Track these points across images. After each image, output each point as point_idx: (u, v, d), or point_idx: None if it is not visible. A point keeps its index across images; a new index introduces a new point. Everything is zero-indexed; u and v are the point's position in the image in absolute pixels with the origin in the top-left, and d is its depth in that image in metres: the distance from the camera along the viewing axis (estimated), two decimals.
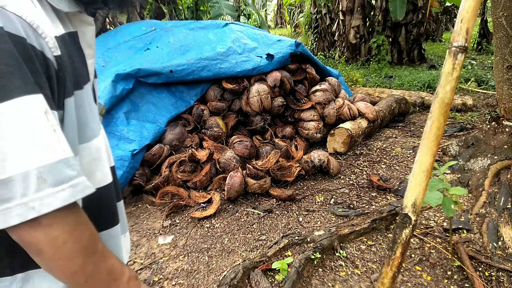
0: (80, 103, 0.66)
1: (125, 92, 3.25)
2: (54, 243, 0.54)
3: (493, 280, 1.97)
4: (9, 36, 0.51)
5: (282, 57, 3.72)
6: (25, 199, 0.51)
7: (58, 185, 0.53)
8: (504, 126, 3.10)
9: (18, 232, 0.53)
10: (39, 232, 0.53)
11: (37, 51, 0.55)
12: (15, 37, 0.52)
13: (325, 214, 2.73)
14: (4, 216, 0.51)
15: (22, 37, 0.53)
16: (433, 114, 1.22)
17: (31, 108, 0.52)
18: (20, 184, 0.51)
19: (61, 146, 0.55)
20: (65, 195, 0.54)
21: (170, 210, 2.80)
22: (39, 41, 0.56)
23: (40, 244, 0.54)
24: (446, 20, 14.37)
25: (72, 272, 0.57)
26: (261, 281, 1.93)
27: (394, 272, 1.29)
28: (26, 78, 0.52)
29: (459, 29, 1.19)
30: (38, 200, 0.51)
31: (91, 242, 0.60)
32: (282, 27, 23.55)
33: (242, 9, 10.70)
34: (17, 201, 0.51)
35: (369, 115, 4.07)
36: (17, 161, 0.51)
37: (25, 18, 0.54)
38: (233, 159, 3.21)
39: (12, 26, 0.52)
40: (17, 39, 0.52)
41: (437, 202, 1.83)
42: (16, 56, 0.51)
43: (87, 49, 0.72)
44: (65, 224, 0.55)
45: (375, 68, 8.29)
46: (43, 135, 0.53)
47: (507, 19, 2.86)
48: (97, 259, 0.61)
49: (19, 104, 0.51)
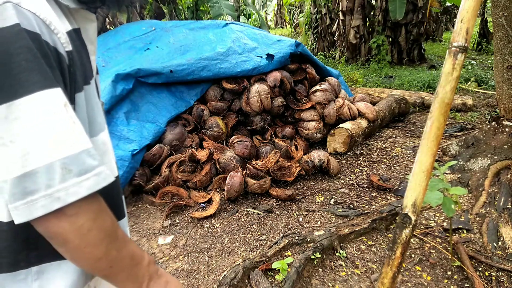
0: (88, 98, 0.68)
1: (125, 92, 3.25)
2: (79, 232, 0.56)
3: (493, 280, 1.97)
4: (26, 33, 0.53)
5: (282, 57, 3.72)
6: (50, 190, 0.52)
7: (82, 175, 0.55)
8: (504, 126, 3.10)
9: (43, 223, 0.54)
10: (64, 222, 0.54)
11: (51, 47, 0.57)
12: (32, 33, 0.53)
13: (325, 214, 2.73)
14: (29, 208, 0.52)
15: (38, 33, 0.55)
16: (433, 114, 1.22)
17: (52, 102, 0.54)
18: (45, 175, 0.52)
19: (82, 137, 0.57)
20: (90, 184, 0.55)
21: (170, 210, 2.80)
22: (52, 37, 0.57)
23: (66, 234, 0.55)
24: (446, 20, 14.37)
25: (97, 259, 0.59)
26: (261, 281, 1.93)
27: (394, 272, 1.29)
28: (45, 73, 0.53)
29: (459, 29, 1.19)
30: (63, 190, 0.53)
31: (113, 228, 0.62)
32: (282, 27, 23.55)
33: (242, 9, 10.70)
34: (42, 193, 0.52)
35: (369, 115, 4.07)
36: (41, 153, 0.52)
37: (39, 15, 0.56)
38: (233, 159, 3.21)
39: (28, 23, 0.54)
40: (33, 35, 0.54)
41: (437, 202, 1.83)
42: (35, 52, 0.53)
43: (89, 45, 0.73)
44: (90, 212, 0.57)
45: (375, 68, 8.29)
46: (64, 127, 0.54)
47: (507, 19, 2.86)
48: (120, 245, 0.63)
49: (40, 98, 0.53)
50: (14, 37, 0.52)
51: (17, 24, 0.52)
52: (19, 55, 0.51)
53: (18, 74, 0.52)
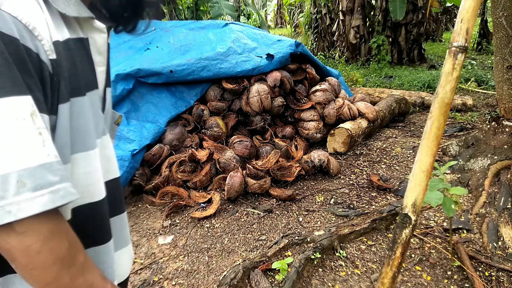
0: (79, 110, 0.64)
1: (125, 92, 3.25)
2: (27, 252, 0.52)
3: (493, 280, 1.97)
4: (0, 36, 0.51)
5: (282, 57, 3.72)
6: (2, 203, 0.49)
7: (37, 190, 0.51)
8: (504, 126, 3.10)
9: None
10: (13, 238, 0.51)
11: (32, 52, 0.54)
12: (7, 36, 0.51)
13: (325, 214, 2.73)
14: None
15: (15, 37, 0.52)
16: (433, 114, 1.22)
17: (16, 109, 0.51)
18: None
19: (45, 150, 0.53)
20: (44, 201, 0.51)
21: (170, 210, 2.80)
22: (35, 42, 0.55)
23: (13, 252, 0.52)
24: (446, 20, 14.37)
25: (46, 283, 0.55)
26: (261, 281, 1.93)
27: (394, 272, 1.29)
28: (14, 78, 0.51)
29: (459, 29, 1.19)
30: (16, 204, 0.49)
31: (70, 253, 0.57)
32: (282, 27, 23.54)
33: (242, 9, 10.71)
34: None
35: (369, 115, 4.07)
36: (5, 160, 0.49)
37: (21, 19, 0.53)
38: (233, 159, 3.21)
39: (5, 26, 0.51)
40: (9, 38, 0.51)
41: (437, 202, 1.83)
42: (6, 56, 0.50)
43: (97, 56, 0.70)
44: (40, 233, 0.53)
45: (375, 68, 8.29)
46: (26, 138, 0.51)
47: (507, 19, 2.87)
48: (75, 272, 0.58)
49: (4, 104, 0.50)
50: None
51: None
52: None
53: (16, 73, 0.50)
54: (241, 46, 3.82)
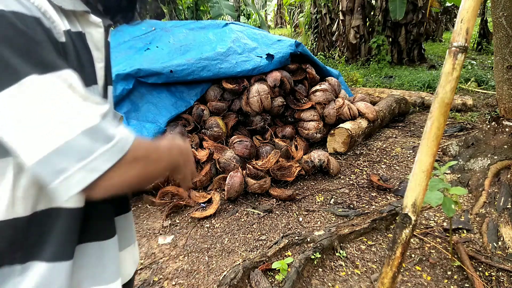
0: None
1: (125, 92, 3.25)
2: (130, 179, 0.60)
3: (493, 280, 1.97)
4: (28, 17, 0.54)
5: (282, 57, 3.72)
6: (83, 162, 0.53)
7: (109, 142, 0.56)
8: (504, 126, 3.10)
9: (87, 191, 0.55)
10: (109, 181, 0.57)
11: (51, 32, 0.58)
12: (32, 18, 0.55)
13: (325, 214, 2.73)
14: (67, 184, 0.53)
15: (38, 17, 0.56)
16: (433, 114, 1.23)
17: (66, 79, 0.55)
18: (75, 150, 0.53)
19: (100, 107, 0.58)
20: (118, 148, 0.57)
21: (170, 210, 2.80)
22: (49, 24, 0.58)
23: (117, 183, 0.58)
24: (446, 20, 14.37)
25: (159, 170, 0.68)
26: (261, 281, 1.93)
27: (394, 272, 1.29)
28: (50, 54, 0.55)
29: (459, 29, 1.19)
30: (95, 160, 0.54)
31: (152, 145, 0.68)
32: (282, 27, 23.54)
33: (242, 9, 10.70)
34: (76, 166, 0.53)
35: (369, 115, 4.07)
36: (66, 128, 0.53)
37: (33, 2, 0.56)
38: (233, 159, 3.21)
39: (25, 9, 0.55)
40: (34, 19, 0.55)
41: (437, 202, 1.83)
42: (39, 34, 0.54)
43: (95, 52, 0.71)
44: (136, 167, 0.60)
45: (375, 68, 8.29)
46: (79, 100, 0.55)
47: (507, 19, 2.86)
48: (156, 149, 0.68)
49: (56, 76, 0.54)
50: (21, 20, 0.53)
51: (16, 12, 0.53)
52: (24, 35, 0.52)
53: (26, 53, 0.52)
54: (241, 46, 3.82)
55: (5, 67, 0.51)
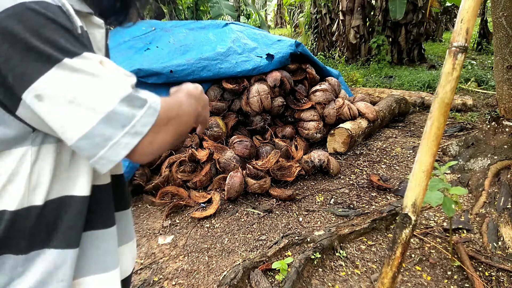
0: None
1: None
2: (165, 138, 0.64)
3: (493, 280, 1.97)
4: (53, 5, 0.59)
5: (282, 57, 3.71)
6: (126, 129, 0.58)
7: (143, 107, 0.60)
8: (504, 126, 3.10)
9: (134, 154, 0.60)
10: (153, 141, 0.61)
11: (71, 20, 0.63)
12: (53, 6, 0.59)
13: (325, 214, 2.73)
14: (115, 150, 0.58)
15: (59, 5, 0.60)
16: (433, 114, 1.23)
17: (95, 57, 0.60)
18: (117, 117, 0.57)
19: (128, 78, 0.63)
20: (151, 112, 0.60)
21: (170, 210, 2.80)
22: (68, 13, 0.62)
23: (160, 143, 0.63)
24: (446, 20, 14.37)
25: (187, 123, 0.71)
26: (261, 281, 1.93)
27: (394, 272, 1.30)
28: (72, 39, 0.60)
29: (459, 29, 1.19)
30: (137, 125, 0.59)
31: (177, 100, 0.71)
32: (282, 27, 23.54)
33: (242, 9, 10.70)
34: (121, 133, 0.58)
35: (369, 115, 4.07)
36: (106, 99, 0.57)
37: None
38: (233, 159, 3.21)
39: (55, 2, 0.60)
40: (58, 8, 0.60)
41: (438, 202, 1.83)
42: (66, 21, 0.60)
43: (97, 52, 0.73)
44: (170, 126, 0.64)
45: (375, 68, 8.29)
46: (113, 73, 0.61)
47: (507, 19, 2.86)
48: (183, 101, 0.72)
49: (86, 57, 0.58)
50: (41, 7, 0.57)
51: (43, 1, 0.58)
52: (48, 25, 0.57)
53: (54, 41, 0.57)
54: (241, 46, 3.82)
55: (40, 55, 0.55)
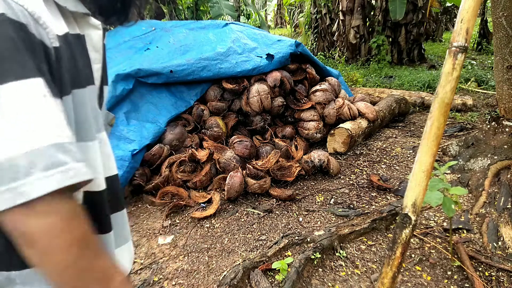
0: (81, 101, 0.65)
1: (125, 92, 3.25)
2: (48, 232, 0.51)
3: (493, 280, 1.97)
4: (9, 22, 0.52)
5: (282, 57, 3.72)
6: (14, 184, 0.48)
7: (48, 170, 0.50)
8: (504, 126, 3.10)
9: (10, 219, 0.50)
10: (32, 219, 0.50)
11: (37, 39, 0.56)
12: (17, 23, 0.53)
13: (325, 214, 2.73)
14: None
15: (23, 23, 0.54)
16: (433, 114, 1.23)
17: (28, 92, 0.51)
18: (9, 168, 0.49)
19: (57, 131, 0.53)
20: (56, 180, 0.50)
21: (170, 210, 2.80)
22: (39, 30, 0.56)
23: (33, 233, 0.51)
24: (446, 20, 14.37)
25: (65, 266, 0.53)
26: (261, 281, 1.93)
27: (394, 272, 1.30)
28: (25, 62, 0.52)
29: (459, 29, 1.19)
30: (28, 184, 0.49)
31: (87, 236, 0.57)
32: (282, 27, 23.54)
33: (242, 9, 10.70)
34: (6, 186, 0.48)
35: (369, 115, 4.07)
36: (7, 144, 0.49)
37: (26, 8, 0.55)
38: (233, 159, 3.21)
39: (13, 13, 0.53)
40: (18, 25, 0.53)
41: (437, 202, 1.83)
42: (16, 42, 0.52)
43: (93, 53, 0.71)
44: (60, 212, 0.52)
45: (375, 68, 8.29)
46: (38, 118, 0.51)
47: (507, 19, 2.86)
48: (92, 255, 0.57)
49: (16, 87, 0.51)
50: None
51: (1, 14, 0.52)
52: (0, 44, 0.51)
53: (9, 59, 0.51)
54: (241, 46, 3.82)
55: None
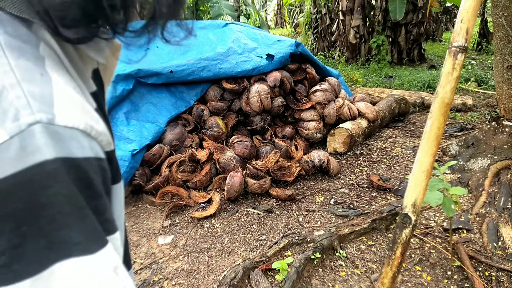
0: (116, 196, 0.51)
1: (125, 93, 3.25)
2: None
3: (493, 280, 1.97)
4: (65, 167, 0.35)
5: (282, 57, 3.72)
6: None
7: None
8: (504, 126, 3.10)
9: None
10: None
11: (93, 160, 0.39)
12: (69, 162, 0.36)
13: (325, 214, 2.73)
14: None
15: (77, 158, 0.37)
16: (433, 114, 1.23)
17: (97, 270, 0.36)
18: None
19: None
20: None
21: (170, 210, 2.80)
22: (93, 146, 0.39)
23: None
24: (446, 20, 14.37)
25: None
26: (261, 281, 1.94)
27: (394, 272, 1.30)
28: (89, 228, 0.36)
29: (459, 29, 1.19)
30: None
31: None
32: (282, 27, 23.54)
33: (242, 9, 10.70)
34: None
35: (369, 115, 4.07)
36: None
37: (78, 126, 0.38)
38: (233, 159, 3.21)
39: (65, 148, 0.36)
40: (71, 164, 0.36)
41: (437, 202, 1.83)
42: (76, 198, 0.35)
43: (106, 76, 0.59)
44: None
45: (375, 68, 8.29)
46: None
47: (507, 19, 2.87)
48: None
49: (81, 265, 0.35)
50: (46, 180, 0.34)
51: (52, 160, 0.34)
52: (54, 207, 0.34)
53: (50, 233, 0.34)
54: (241, 46, 3.82)
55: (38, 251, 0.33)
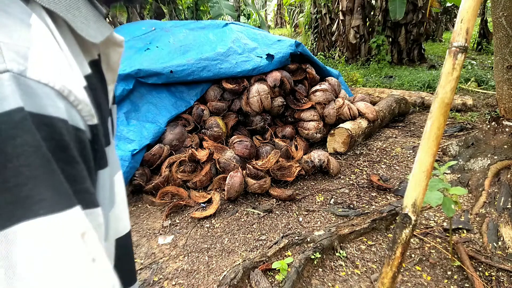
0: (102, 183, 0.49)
1: (125, 93, 3.25)
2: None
3: (493, 280, 1.97)
4: (32, 121, 0.34)
5: (282, 57, 3.72)
6: None
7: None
8: (504, 126, 3.10)
9: None
10: None
11: (69, 126, 0.38)
12: (40, 118, 0.35)
13: (325, 214, 2.73)
14: None
15: (50, 116, 0.36)
16: (433, 114, 1.23)
17: (63, 232, 0.35)
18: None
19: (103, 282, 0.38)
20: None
21: (170, 210, 2.80)
22: (71, 113, 0.38)
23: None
24: (446, 20, 14.37)
25: None
26: (261, 281, 1.94)
27: (394, 272, 1.30)
28: (56, 184, 0.35)
29: (459, 29, 1.19)
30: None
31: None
32: (282, 27, 23.54)
33: (242, 9, 10.71)
34: None
35: (369, 115, 4.08)
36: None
37: (53, 85, 0.36)
38: (233, 159, 3.21)
39: (36, 103, 0.35)
40: (42, 121, 0.35)
41: (437, 202, 1.83)
42: (43, 151, 0.34)
43: (109, 74, 0.55)
44: None
45: (375, 68, 8.29)
46: (78, 270, 0.36)
47: (507, 19, 2.87)
48: None
49: (46, 226, 0.34)
50: (13, 129, 0.33)
51: (19, 109, 0.33)
52: (19, 158, 0.33)
53: (16, 187, 0.32)
54: (241, 46, 3.82)
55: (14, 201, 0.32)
